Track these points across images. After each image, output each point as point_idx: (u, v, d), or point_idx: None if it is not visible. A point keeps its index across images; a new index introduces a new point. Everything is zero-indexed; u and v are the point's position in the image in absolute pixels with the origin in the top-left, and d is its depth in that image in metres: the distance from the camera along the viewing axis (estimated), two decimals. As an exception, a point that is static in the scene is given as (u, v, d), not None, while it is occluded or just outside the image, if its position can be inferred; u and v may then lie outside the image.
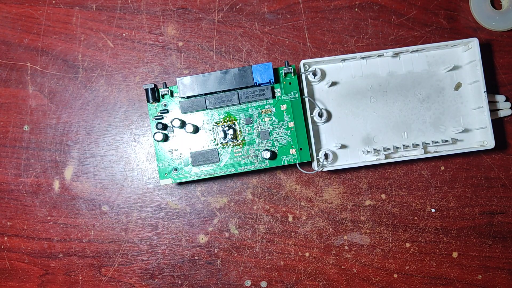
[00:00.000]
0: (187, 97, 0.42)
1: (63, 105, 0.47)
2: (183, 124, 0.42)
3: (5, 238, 0.46)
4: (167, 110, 0.43)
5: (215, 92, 0.42)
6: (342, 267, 0.47)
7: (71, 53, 0.47)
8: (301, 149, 0.43)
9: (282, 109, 0.43)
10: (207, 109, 0.42)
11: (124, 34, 0.47)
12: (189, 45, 0.47)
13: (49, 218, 0.46)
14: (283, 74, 0.42)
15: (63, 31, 0.47)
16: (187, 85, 0.41)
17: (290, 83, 0.43)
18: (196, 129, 0.42)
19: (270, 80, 0.41)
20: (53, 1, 0.47)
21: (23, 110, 0.47)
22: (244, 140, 0.43)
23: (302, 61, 0.43)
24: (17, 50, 0.47)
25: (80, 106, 0.47)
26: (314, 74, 0.44)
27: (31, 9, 0.47)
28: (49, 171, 0.46)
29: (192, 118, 0.43)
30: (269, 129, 0.43)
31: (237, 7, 0.48)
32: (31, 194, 0.46)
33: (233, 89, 0.42)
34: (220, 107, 0.43)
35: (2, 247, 0.46)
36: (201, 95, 0.42)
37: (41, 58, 0.47)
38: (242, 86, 0.42)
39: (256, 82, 0.41)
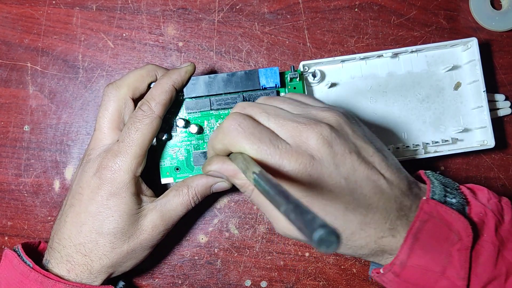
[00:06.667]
0: (192, 98, 0.42)
1: (63, 105, 0.47)
2: (187, 124, 0.42)
3: (6, 238, 0.46)
4: (171, 110, 0.43)
5: (220, 94, 0.42)
6: (342, 267, 0.47)
7: (71, 54, 0.47)
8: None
9: None
10: (211, 110, 0.42)
11: (124, 35, 0.47)
12: (189, 45, 0.47)
13: (49, 218, 0.46)
14: (289, 78, 0.42)
15: (63, 31, 0.47)
16: (192, 85, 0.41)
17: (294, 88, 0.43)
18: (200, 130, 0.42)
19: (276, 85, 0.42)
20: (53, 1, 0.47)
21: (24, 110, 0.47)
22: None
23: (302, 63, 0.43)
24: (18, 51, 0.47)
25: (80, 106, 0.47)
26: (314, 75, 0.44)
27: (31, 9, 0.47)
28: (50, 171, 0.47)
29: (196, 119, 0.43)
30: None
31: (237, 7, 0.48)
32: (31, 194, 0.46)
33: (238, 92, 0.42)
34: (225, 109, 0.43)
35: (3, 247, 0.46)
36: (206, 96, 0.42)
37: (42, 58, 0.47)
38: (248, 89, 0.42)
39: (262, 86, 0.42)
